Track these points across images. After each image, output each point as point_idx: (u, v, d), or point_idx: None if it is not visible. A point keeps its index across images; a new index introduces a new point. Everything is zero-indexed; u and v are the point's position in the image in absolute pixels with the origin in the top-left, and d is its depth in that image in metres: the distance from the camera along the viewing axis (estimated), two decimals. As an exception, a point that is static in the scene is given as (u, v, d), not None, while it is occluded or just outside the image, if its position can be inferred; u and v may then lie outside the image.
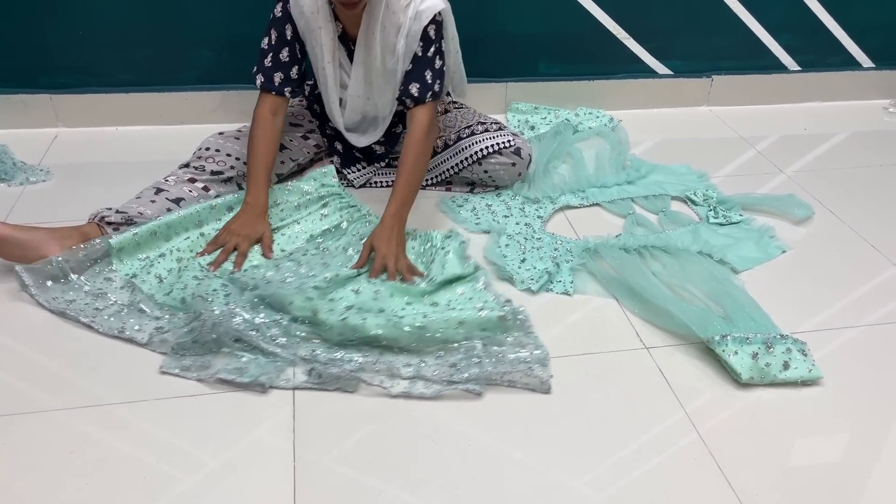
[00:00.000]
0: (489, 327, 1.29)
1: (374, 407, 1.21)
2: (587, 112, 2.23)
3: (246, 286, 1.38)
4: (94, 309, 1.36)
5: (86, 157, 1.95)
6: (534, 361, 1.26)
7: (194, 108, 2.09)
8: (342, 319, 1.27)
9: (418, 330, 1.26)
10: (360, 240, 1.52)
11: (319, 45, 1.59)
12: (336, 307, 1.31)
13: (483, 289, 1.38)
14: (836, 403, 1.25)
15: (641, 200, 1.81)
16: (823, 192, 1.89)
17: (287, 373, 1.24)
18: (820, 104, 2.43)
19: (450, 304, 1.36)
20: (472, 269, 1.43)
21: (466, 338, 1.27)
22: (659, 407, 1.23)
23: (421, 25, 1.53)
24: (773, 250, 1.63)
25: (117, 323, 1.34)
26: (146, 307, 1.36)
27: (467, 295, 1.37)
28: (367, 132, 1.76)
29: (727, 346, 1.28)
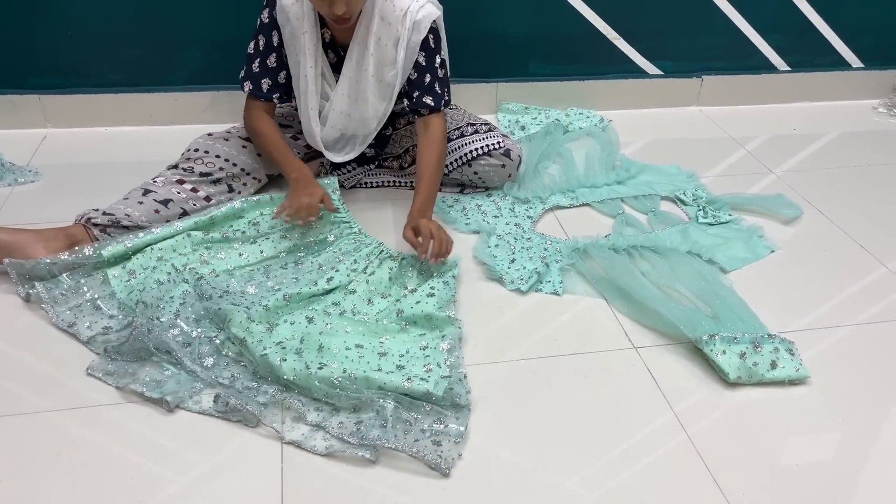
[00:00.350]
0: (412, 395, 1.19)
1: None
2: (577, 112, 2.24)
3: (204, 294, 1.36)
4: (59, 293, 1.37)
5: (75, 158, 1.94)
6: (446, 435, 1.14)
7: (184, 108, 2.09)
8: (262, 355, 1.22)
9: (329, 388, 1.18)
10: (340, 256, 1.48)
11: (302, 52, 1.56)
12: (266, 339, 1.27)
13: (445, 350, 1.27)
14: (823, 403, 1.25)
15: (631, 200, 1.81)
16: (812, 192, 1.90)
17: (199, 395, 1.20)
18: (809, 104, 2.44)
19: (402, 357, 1.26)
20: (446, 320, 1.33)
21: (381, 396, 1.16)
22: (647, 407, 1.23)
23: (421, 36, 1.54)
24: (761, 250, 1.64)
25: (71, 317, 1.34)
26: (103, 304, 1.36)
27: (427, 352, 1.27)
28: (343, 149, 1.71)
29: (715, 346, 1.28)
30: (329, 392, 1.18)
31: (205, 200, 1.61)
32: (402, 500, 1.06)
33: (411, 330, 1.33)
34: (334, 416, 1.17)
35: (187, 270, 1.42)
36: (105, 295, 1.38)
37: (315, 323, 1.33)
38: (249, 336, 1.26)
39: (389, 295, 1.42)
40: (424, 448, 1.11)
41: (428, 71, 1.58)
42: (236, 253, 1.49)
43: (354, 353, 1.26)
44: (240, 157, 1.69)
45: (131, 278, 1.41)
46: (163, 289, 1.37)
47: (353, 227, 1.59)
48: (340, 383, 1.18)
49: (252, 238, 1.53)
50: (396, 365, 1.24)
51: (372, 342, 1.30)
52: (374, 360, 1.25)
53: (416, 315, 1.34)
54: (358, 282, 1.43)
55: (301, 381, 1.20)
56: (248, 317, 1.29)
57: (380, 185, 1.84)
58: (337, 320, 1.34)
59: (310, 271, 1.47)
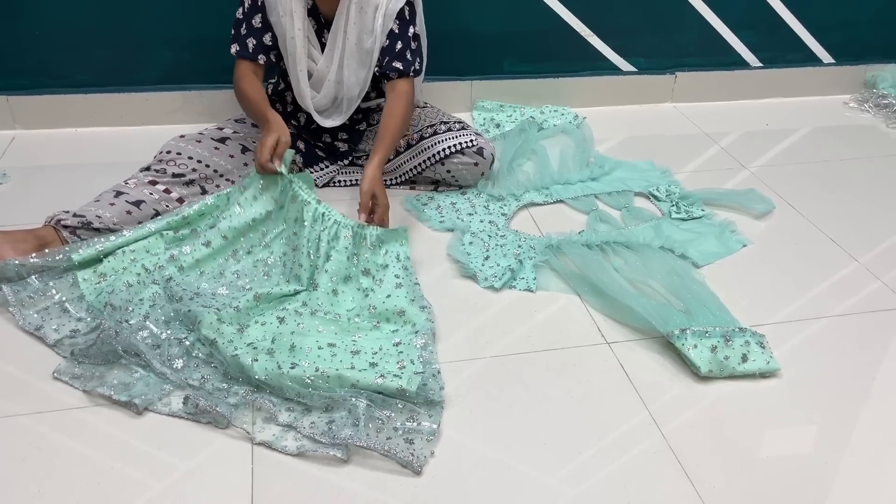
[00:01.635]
0: (385, 392, 1.18)
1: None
2: (552, 110, 2.24)
3: (174, 296, 1.35)
4: (27, 296, 1.35)
5: (44, 160, 1.92)
6: (419, 433, 1.14)
7: (155, 108, 2.06)
8: (233, 356, 1.21)
9: (301, 387, 1.17)
10: (303, 243, 1.44)
11: (287, 14, 1.58)
12: (237, 340, 1.25)
13: (419, 346, 1.27)
14: (793, 395, 1.26)
15: (605, 197, 1.82)
16: (784, 186, 1.92)
17: (169, 397, 1.19)
18: (781, 100, 2.46)
19: (375, 355, 1.26)
20: (418, 314, 1.33)
21: (354, 395, 1.15)
22: (619, 401, 1.24)
23: (398, 5, 1.59)
24: (733, 245, 1.65)
25: (38, 320, 1.32)
26: (71, 307, 1.34)
27: (400, 349, 1.28)
28: (332, 115, 1.76)
29: (686, 340, 1.29)
30: (301, 391, 1.17)
31: (177, 202, 1.59)
32: (374, 498, 1.05)
33: (384, 327, 1.33)
34: (306, 416, 1.16)
35: (157, 271, 1.40)
36: (73, 298, 1.36)
37: (286, 323, 1.32)
38: (220, 337, 1.25)
39: (350, 278, 1.41)
40: (397, 446, 1.11)
41: (400, 39, 1.63)
42: (201, 243, 1.47)
43: (327, 351, 1.26)
44: (213, 158, 1.68)
45: (101, 281, 1.39)
46: (132, 291, 1.35)
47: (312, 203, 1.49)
48: (313, 382, 1.18)
49: (214, 223, 1.51)
50: (369, 362, 1.24)
51: (345, 340, 1.29)
52: (347, 359, 1.25)
53: (389, 311, 1.34)
54: (319, 275, 1.41)
55: (273, 380, 1.19)
56: (219, 318, 1.28)
57: (352, 184, 1.83)
58: (308, 320, 1.33)
59: (276, 266, 1.46)
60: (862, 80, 2.49)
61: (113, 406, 1.18)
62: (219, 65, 2.03)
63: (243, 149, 1.76)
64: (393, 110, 1.62)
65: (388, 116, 1.62)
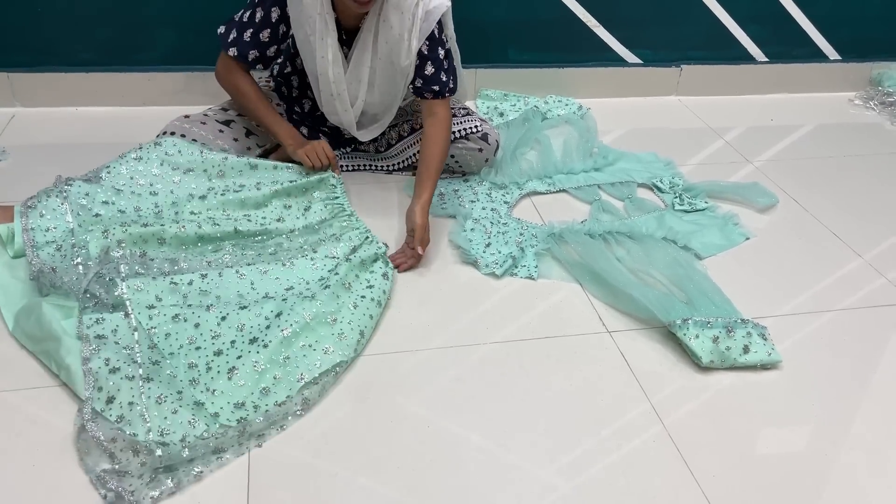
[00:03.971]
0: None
1: (330, 391, 1.20)
2: (556, 100, 2.23)
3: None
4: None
5: (44, 138, 1.90)
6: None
7: (157, 89, 2.05)
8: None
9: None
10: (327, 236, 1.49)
11: (315, 33, 1.53)
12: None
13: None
14: (794, 388, 1.26)
15: (608, 187, 1.81)
16: (788, 181, 1.91)
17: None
18: (787, 96, 2.44)
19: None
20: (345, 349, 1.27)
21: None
22: (620, 390, 1.23)
23: (431, 26, 1.53)
24: (736, 237, 1.64)
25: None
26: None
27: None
28: (368, 127, 1.73)
29: (688, 330, 1.28)
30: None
31: (174, 183, 1.58)
32: (369, 484, 1.04)
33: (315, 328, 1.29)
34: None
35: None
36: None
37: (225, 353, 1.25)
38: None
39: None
40: None
41: (430, 59, 1.57)
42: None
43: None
44: (216, 141, 1.67)
45: (59, 249, 1.39)
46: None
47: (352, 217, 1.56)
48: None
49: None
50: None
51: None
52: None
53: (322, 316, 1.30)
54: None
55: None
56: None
57: (355, 169, 1.82)
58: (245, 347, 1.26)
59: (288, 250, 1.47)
60: (868, 78, 2.48)
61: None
62: (222, 46, 2.02)
63: (247, 132, 1.75)
64: (434, 139, 1.57)
65: (431, 146, 1.57)
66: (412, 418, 1.15)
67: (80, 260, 1.33)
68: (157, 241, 1.41)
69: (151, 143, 1.58)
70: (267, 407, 1.13)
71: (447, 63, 1.60)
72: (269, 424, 1.12)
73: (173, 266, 1.36)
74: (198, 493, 1.02)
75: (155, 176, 1.53)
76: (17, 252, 1.37)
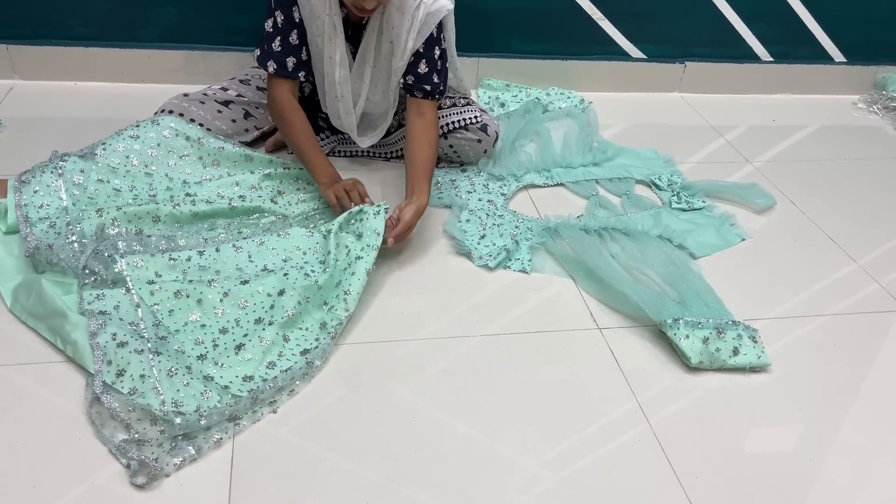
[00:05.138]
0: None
1: (318, 376, 1.20)
2: (559, 92, 2.21)
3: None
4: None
5: (41, 112, 1.89)
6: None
7: (156, 66, 2.03)
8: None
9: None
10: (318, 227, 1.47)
11: (323, 34, 1.51)
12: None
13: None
14: (782, 391, 1.26)
15: (606, 183, 1.80)
16: (787, 183, 1.90)
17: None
18: (790, 96, 2.43)
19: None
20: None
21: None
22: (607, 387, 1.23)
23: (430, 29, 1.51)
24: (732, 238, 1.64)
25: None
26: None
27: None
28: (368, 132, 1.71)
29: (679, 330, 1.27)
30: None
31: (169, 167, 1.57)
32: (355, 470, 1.05)
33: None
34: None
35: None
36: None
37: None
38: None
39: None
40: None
41: (425, 58, 1.55)
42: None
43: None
44: (214, 122, 1.66)
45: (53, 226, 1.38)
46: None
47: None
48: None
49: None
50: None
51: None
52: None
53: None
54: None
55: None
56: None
57: (353, 155, 1.81)
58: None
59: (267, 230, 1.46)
60: (872, 81, 2.46)
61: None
62: (223, 25, 2.01)
63: (246, 114, 1.74)
64: (424, 140, 1.54)
65: (422, 147, 1.53)
66: (399, 407, 1.15)
67: (76, 237, 1.33)
68: (152, 219, 1.41)
69: (149, 122, 1.57)
70: (275, 376, 1.15)
71: (440, 64, 1.57)
72: (278, 390, 1.15)
73: (170, 243, 1.35)
74: (180, 475, 1.02)
75: (151, 156, 1.53)
76: (11, 228, 1.37)
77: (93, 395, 1.08)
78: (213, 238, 1.40)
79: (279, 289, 1.27)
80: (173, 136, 1.57)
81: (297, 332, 1.24)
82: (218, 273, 1.31)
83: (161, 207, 1.42)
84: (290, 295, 1.27)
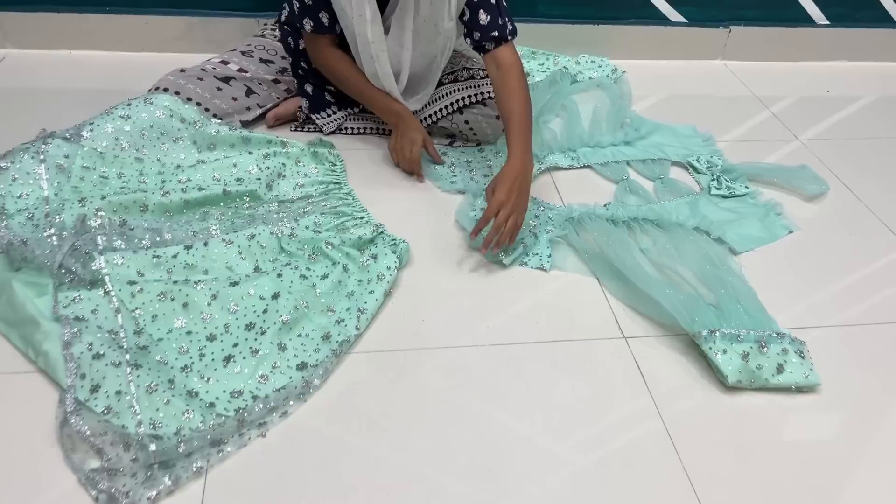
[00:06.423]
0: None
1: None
2: (589, 60, 2.03)
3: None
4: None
5: (35, 82, 1.78)
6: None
7: (154, 34, 1.91)
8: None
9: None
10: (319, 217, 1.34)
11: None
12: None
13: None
14: (834, 416, 1.10)
15: (638, 164, 1.63)
16: (841, 164, 1.71)
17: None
18: (847, 64, 2.22)
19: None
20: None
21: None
22: (631, 406, 1.09)
23: None
24: (778, 230, 1.46)
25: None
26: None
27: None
28: (416, 95, 1.57)
29: (715, 344, 1.12)
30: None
31: (161, 151, 1.45)
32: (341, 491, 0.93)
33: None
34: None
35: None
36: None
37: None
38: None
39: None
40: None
41: (480, 6, 1.40)
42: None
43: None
44: (213, 101, 1.55)
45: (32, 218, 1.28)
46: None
47: (345, 188, 1.46)
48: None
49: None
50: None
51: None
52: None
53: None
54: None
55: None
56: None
57: (362, 132, 1.67)
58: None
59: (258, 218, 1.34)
60: (940, 47, 2.23)
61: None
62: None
63: (248, 91, 1.62)
64: (511, 89, 1.37)
65: (509, 97, 1.37)
66: (394, 436, 1.03)
67: (55, 231, 1.22)
68: (139, 208, 1.30)
69: (142, 100, 1.45)
70: (266, 394, 1.04)
71: (499, 5, 1.42)
72: (269, 411, 1.03)
73: (155, 237, 1.24)
74: None
75: (142, 139, 1.41)
76: None
77: (64, 414, 0.98)
78: (202, 230, 1.28)
79: (273, 291, 1.17)
80: (167, 118, 1.45)
81: (295, 340, 1.13)
82: (206, 273, 1.20)
83: (149, 196, 1.31)
84: (285, 298, 1.16)
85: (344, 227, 1.33)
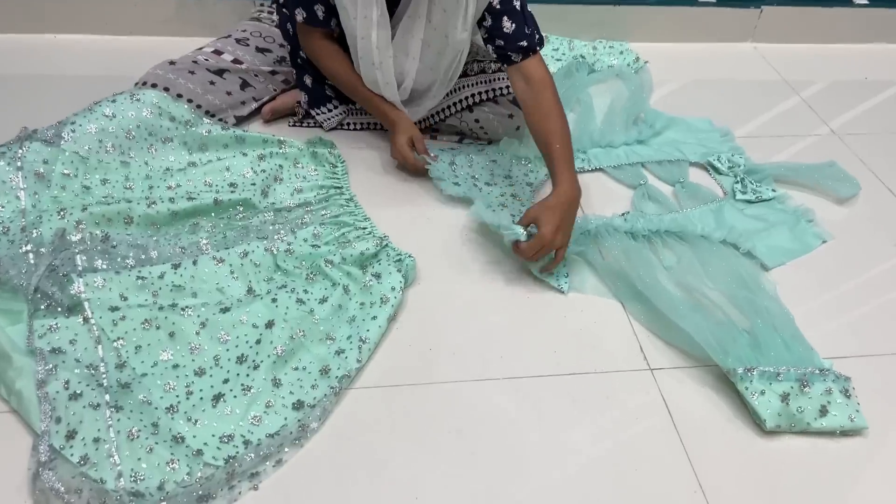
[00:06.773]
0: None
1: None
2: (607, 46, 1.91)
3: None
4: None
5: (17, 68, 1.68)
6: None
7: (145, 16, 1.80)
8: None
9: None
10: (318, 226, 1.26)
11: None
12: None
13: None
14: (885, 464, 1.00)
15: (655, 167, 1.52)
16: (877, 158, 1.60)
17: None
18: (886, 46, 2.10)
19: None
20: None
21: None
22: (658, 450, 1.00)
23: None
24: (811, 240, 1.36)
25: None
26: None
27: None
28: (410, 107, 1.46)
29: (752, 384, 1.03)
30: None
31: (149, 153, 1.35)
32: None
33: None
34: None
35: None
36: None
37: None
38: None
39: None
40: None
41: (505, 13, 1.29)
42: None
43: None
44: (206, 96, 1.45)
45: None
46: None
47: (346, 193, 1.37)
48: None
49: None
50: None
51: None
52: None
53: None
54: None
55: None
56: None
57: (363, 128, 1.56)
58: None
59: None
60: None
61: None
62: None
63: (243, 84, 1.53)
64: (547, 108, 1.27)
65: (547, 118, 1.26)
66: (396, 487, 0.94)
67: (31, 247, 1.14)
68: (124, 220, 1.21)
69: (128, 96, 1.35)
70: (259, 440, 0.95)
71: (525, 10, 1.31)
72: (262, 459, 0.95)
73: (140, 255, 1.15)
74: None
75: (128, 140, 1.31)
76: None
77: (37, 465, 0.90)
78: (192, 246, 1.19)
79: (266, 319, 1.09)
80: (156, 116, 1.35)
81: (290, 374, 1.04)
82: (195, 296, 1.11)
83: (134, 207, 1.21)
84: (280, 327, 1.08)
85: (345, 240, 1.24)
